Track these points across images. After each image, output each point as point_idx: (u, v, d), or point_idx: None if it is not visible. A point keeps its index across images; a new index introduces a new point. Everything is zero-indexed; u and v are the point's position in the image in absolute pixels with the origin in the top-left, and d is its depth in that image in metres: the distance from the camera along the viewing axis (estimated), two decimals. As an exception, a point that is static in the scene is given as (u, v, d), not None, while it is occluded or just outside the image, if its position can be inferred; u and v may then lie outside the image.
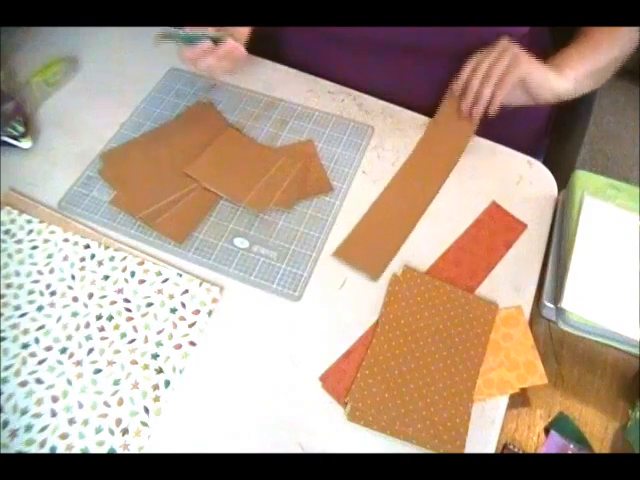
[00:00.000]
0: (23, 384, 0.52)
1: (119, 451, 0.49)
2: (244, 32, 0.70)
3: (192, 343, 0.55)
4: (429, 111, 0.73)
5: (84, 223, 0.63)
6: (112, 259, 0.60)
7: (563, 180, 0.69)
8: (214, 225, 0.63)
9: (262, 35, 0.73)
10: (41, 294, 0.57)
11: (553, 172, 0.70)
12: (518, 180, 0.69)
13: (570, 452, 0.51)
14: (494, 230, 0.64)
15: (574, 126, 0.86)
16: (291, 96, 0.75)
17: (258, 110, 0.74)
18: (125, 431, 0.50)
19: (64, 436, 0.50)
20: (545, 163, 0.71)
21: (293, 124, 0.73)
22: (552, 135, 0.89)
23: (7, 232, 0.61)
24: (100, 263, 0.60)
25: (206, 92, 0.76)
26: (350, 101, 0.75)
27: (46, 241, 0.61)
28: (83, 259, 0.60)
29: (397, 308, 0.57)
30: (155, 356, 0.54)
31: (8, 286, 0.58)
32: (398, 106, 0.75)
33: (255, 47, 0.72)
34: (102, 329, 0.56)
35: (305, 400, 0.53)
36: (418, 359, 0.54)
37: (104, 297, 0.58)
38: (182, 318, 0.57)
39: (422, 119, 0.73)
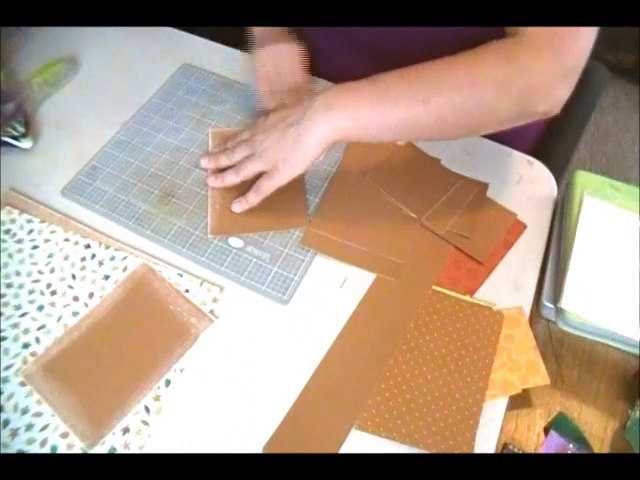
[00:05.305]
0: (24, 383, 0.52)
1: (120, 450, 0.49)
2: None
3: (192, 343, 0.55)
4: None
5: (82, 219, 0.63)
6: (112, 259, 0.60)
7: (558, 179, 0.69)
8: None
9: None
10: (42, 294, 0.58)
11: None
12: (518, 179, 0.69)
13: (569, 452, 0.51)
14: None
15: (570, 125, 0.85)
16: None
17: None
18: (126, 430, 0.50)
19: (65, 435, 0.50)
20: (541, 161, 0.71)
21: None
22: (548, 134, 0.89)
23: (7, 232, 0.61)
24: (101, 263, 0.60)
25: (217, 90, 0.76)
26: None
27: (47, 241, 0.61)
28: (84, 259, 0.60)
29: None
30: (155, 356, 0.54)
31: (8, 286, 0.58)
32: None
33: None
34: (102, 329, 0.56)
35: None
36: (425, 373, 0.54)
37: (104, 297, 0.58)
38: (182, 318, 0.57)
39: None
